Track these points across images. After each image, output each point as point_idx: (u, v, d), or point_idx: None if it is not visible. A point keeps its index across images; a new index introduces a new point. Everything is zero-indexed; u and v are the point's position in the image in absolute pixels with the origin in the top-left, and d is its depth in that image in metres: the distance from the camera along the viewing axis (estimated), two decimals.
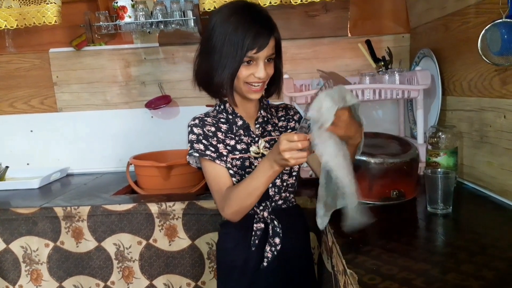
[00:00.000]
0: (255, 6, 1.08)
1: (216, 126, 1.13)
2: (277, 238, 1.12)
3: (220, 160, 1.09)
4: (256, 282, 1.13)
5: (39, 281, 1.56)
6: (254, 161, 1.11)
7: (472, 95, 1.34)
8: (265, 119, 1.18)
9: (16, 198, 1.69)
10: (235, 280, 1.15)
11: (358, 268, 0.84)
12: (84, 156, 2.10)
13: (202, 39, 1.11)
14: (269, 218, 1.13)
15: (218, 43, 1.03)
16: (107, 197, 1.62)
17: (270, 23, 1.05)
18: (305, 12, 1.95)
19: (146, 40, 2.03)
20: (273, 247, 1.12)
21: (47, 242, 1.53)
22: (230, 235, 1.17)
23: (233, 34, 1.01)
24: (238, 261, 1.14)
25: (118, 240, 1.51)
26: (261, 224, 1.13)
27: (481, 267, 0.81)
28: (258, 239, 1.12)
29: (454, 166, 1.36)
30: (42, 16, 1.75)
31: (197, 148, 1.09)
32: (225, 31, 1.02)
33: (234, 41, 1.01)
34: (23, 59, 2.06)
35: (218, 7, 1.12)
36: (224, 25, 1.02)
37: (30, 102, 2.09)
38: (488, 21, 1.13)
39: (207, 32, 1.07)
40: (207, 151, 1.08)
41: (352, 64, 1.97)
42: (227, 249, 1.17)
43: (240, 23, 1.01)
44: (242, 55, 1.01)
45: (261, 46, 1.02)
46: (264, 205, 1.14)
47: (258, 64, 1.04)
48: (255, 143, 1.14)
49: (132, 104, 2.07)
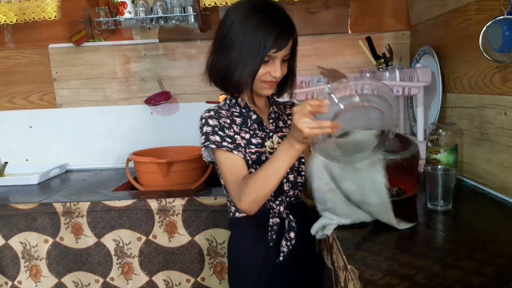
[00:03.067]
0: (276, 5, 1.06)
1: (231, 118, 1.12)
2: (292, 232, 1.13)
3: (238, 151, 1.07)
4: (274, 278, 1.13)
5: (38, 277, 1.56)
6: (270, 156, 1.09)
7: (473, 92, 1.34)
8: (277, 115, 1.19)
9: (15, 194, 1.69)
10: (252, 279, 1.14)
11: (359, 264, 0.83)
12: (84, 152, 2.09)
13: (219, 34, 1.08)
14: (285, 213, 1.14)
15: (238, 40, 1.02)
16: (107, 193, 1.62)
17: (290, 23, 1.05)
18: (305, 9, 1.95)
19: (146, 36, 2.02)
20: (288, 241, 1.13)
21: (46, 238, 1.53)
22: (246, 234, 1.16)
23: (255, 32, 1.00)
24: (256, 259, 1.13)
25: (118, 236, 1.50)
26: (277, 219, 1.14)
27: (481, 263, 0.81)
28: (275, 234, 1.12)
29: (454, 163, 1.36)
30: (42, 11, 1.74)
31: (214, 140, 1.06)
32: (245, 28, 1.01)
33: (255, 39, 1.00)
34: (22, 54, 2.06)
35: (235, 3, 1.09)
36: (245, 22, 1.01)
37: (30, 98, 2.09)
38: (489, 18, 1.13)
39: (224, 28, 1.05)
40: (223, 142, 1.07)
41: (353, 61, 1.96)
42: (242, 248, 1.16)
43: (262, 22, 1.00)
44: (264, 54, 1.01)
45: (281, 46, 1.02)
46: (280, 200, 1.14)
47: (275, 64, 1.05)
48: (269, 138, 1.14)
49: (131, 100, 2.07)
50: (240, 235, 1.19)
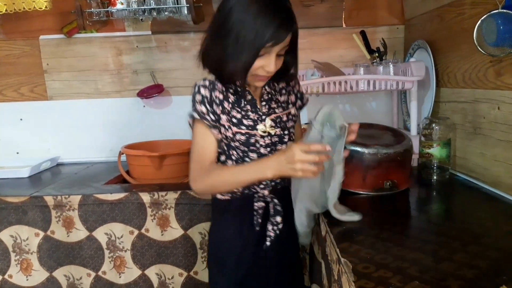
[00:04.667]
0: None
1: (225, 94, 1.08)
2: (279, 216, 1.13)
3: (217, 130, 1.07)
4: (258, 264, 1.13)
5: (29, 271, 1.54)
6: (260, 139, 1.10)
7: (466, 87, 1.35)
8: (270, 96, 1.16)
9: (5, 187, 1.67)
10: (233, 267, 1.14)
11: (352, 257, 0.83)
12: (75, 145, 2.07)
13: (215, 20, 1.03)
14: (269, 197, 1.13)
15: (235, 29, 0.97)
16: (99, 186, 1.60)
17: (291, 16, 1.00)
18: (300, 2, 1.93)
19: (139, 28, 1.99)
20: (275, 226, 1.12)
21: (37, 231, 1.51)
22: (228, 221, 1.15)
23: (253, 23, 0.96)
24: (237, 247, 1.13)
25: (110, 230, 1.49)
26: (262, 203, 1.13)
27: (474, 256, 0.82)
28: (260, 218, 1.12)
29: (447, 157, 1.36)
30: (32, 1, 1.71)
31: (199, 110, 1.05)
32: (243, 17, 0.96)
33: (253, 30, 0.96)
34: (12, 45, 2.02)
35: None
36: (244, 11, 0.97)
37: (20, 90, 2.06)
38: (483, 12, 1.13)
39: (222, 14, 1.00)
40: (207, 115, 1.06)
41: (347, 55, 1.96)
42: (225, 236, 1.15)
43: (262, 12, 0.96)
44: (260, 47, 0.97)
45: (278, 40, 0.98)
46: (265, 184, 1.13)
47: (270, 57, 1.01)
48: (262, 121, 1.11)
49: (124, 93, 2.04)
50: (222, 219, 1.17)
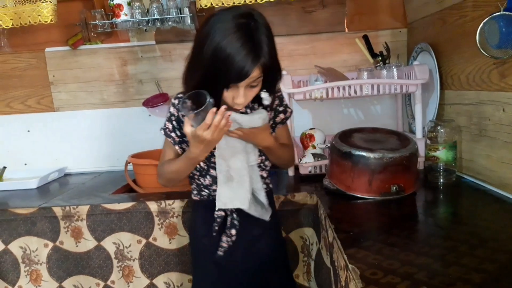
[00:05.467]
0: (249, 28, 0.98)
1: None
2: (234, 229, 1.17)
3: (180, 146, 1.17)
4: (221, 265, 1.19)
5: (39, 282, 1.55)
6: None
7: (471, 89, 1.34)
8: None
9: (14, 198, 1.68)
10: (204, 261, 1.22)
11: (360, 263, 0.83)
12: (82, 155, 2.09)
13: (197, 42, 1.03)
14: (229, 210, 1.17)
15: (208, 61, 0.98)
16: (106, 196, 1.62)
17: (258, 49, 0.98)
18: (302, 8, 1.94)
19: (143, 38, 2.02)
20: (228, 237, 1.17)
21: (46, 242, 1.53)
22: (199, 222, 1.23)
23: (221, 60, 0.96)
24: (207, 245, 1.19)
25: (118, 239, 1.50)
26: (221, 213, 1.18)
27: (482, 260, 0.81)
28: (218, 226, 1.17)
29: (453, 160, 1.36)
30: (38, 15, 1.73)
31: (166, 127, 1.17)
32: (216, 53, 0.97)
33: (220, 67, 0.97)
34: (19, 58, 2.05)
35: (219, 10, 1.04)
36: (217, 45, 0.96)
37: (27, 102, 2.08)
38: (486, 14, 1.13)
39: (203, 36, 1.00)
40: (172, 133, 1.17)
41: (350, 59, 1.96)
42: (198, 235, 1.23)
43: (232, 50, 0.95)
44: (226, 83, 1.00)
45: (240, 78, 0.98)
46: None
47: (238, 91, 1.02)
48: None
49: (129, 102, 2.06)
50: (197, 219, 1.25)
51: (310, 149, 1.70)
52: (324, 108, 1.99)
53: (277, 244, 1.29)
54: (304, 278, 1.46)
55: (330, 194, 1.33)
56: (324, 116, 2.00)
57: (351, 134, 1.38)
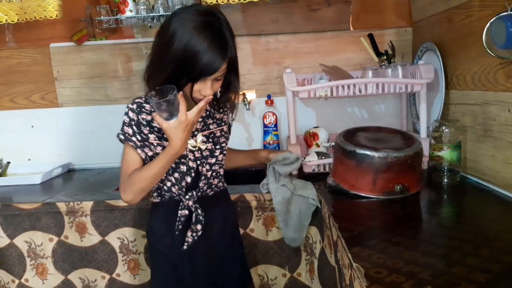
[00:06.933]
0: (215, 25, 1.05)
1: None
2: (199, 225, 1.21)
3: (142, 150, 1.15)
4: (184, 264, 1.21)
5: (45, 275, 1.57)
6: (189, 153, 1.19)
7: (476, 89, 1.34)
8: (208, 113, 1.24)
9: (18, 193, 1.69)
10: (164, 264, 1.24)
11: (364, 261, 0.84)
12: (86, 151, 2.09)
13: (163, 41, 1.07)
14: (194, 207, 1.21)
15: (178, 55, 1.02)
16: (110, 192, 1.62)
17: (225, 46, 1.05)
18: (307, 6, 1.94)
19: (147, 34, 2.01)
20: (194, 232, 1.21)
21: (51, 236, 1.54)
22: (159, 222, 1.24)
23: (188, 55, 1.01)
24: (168, 245, 1.22)
25: (122, 234, 1.51)
26: (185, 211, 1.21)
27: (487, 260, 0.82)
28: (181, 224, 1.20)
29: (457, 160, 1.36)
30: (43, 10, 1.74)
31: (126, 132, 1.15)
32: (181, 49, 1.02)
33: (186, 62, 1.02)
34: (23, 54, 2.05)
35: (179, 13, 1.08)
36: (182, 41, 1.02)
37: (31, 97, 2.09)
38: (493, 14, 1.13)
39: (169, 35, 1.04)
40: (133, 137, 1.15)
41: (355, 58, 1.96)
42: (157, 235, 1.24)
43: (196, 46, 1.01)
44: (194, 78, 1.05)
45: (210, 72, 1.05)
46: (190, 195, 1.21)
47: (205, 84, 1.08)
48: (193, 137, 1.20)
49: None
50: (154, 218, 1.26)
51: (314, 147, 1.70)
52: (328, 106, 1.99)
53: (236, 238, 1.35)
54: (307, 277, 1.47)
55: (334, 193, 1.33)
56: (328, 115, 2.00)
57: (356, 133, 1.38)
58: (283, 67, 1.95)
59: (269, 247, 1.48)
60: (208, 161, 1.23)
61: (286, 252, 1.46)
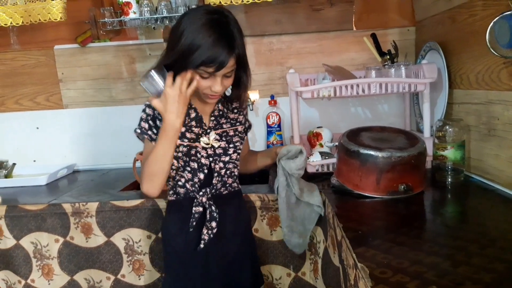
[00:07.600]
0: (222, 23, 1.09)
1: None
2: (214, 222, 1.22)
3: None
4: (196, 264, 1.23)
5: (51, 276, 1.58)
6: (201, 150, 1.22)
7: (480, 88, 1.34)
8: (221, 112, 1.27)
9: (24, 195, 1.70)
10: (176, 263, 1.25)
11: (369, 261, 0.84)
12: (91, 152, 2.11)
13: (172, 39, 1.12)
14: (207, 204, 1.23)
15: (185, 52, 1.07)
16: (115, 193, 1.63)
17: (232, 41, 1.09)
18: (310, 6, 1.94)
19: (151, 36, 2.02)
20: (209, 230, 1.22)
21: (57, 237, 1.55)
22: (173, 220, 1.27)
23: (198, 51, 1.06)
24: (180, 244, 1.23)
25: (127, 235, 1.52)
26: (199, 208, 1.23)
27: (492, 260, 0.82)
28: (196, 221, 1.22)
29: (461, 159, 1.36)
30: (48, 12, 1.75)
31: (142, 126, 1.20)
32: (191, 44, 1.06)
33: (197, 58, 1.06)
34: (28, 56, 2.07)
35: (190, 13, 1.14)
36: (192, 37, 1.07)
37: (36, 99, 2.10)
38: (496, 13, 1.13)
39: (179, 34, 1.09)
40: (148, 131, 1.19)
41: (358, 58, 1.96)
42: (171, 233, 1.26)
43: (206, 42, 1.06)
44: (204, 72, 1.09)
45: (219, 67, 1.08)
46: (204, 191, 1.23)
47: (215, 79, 1.12)
48: (206, 135, 1.24)
49: (137, 100, 2.07)
50: (169, 217, 1.30)
51: (318, 147, 1.71)
52: (331, 106, 1.99)
53: (249, 239, 1.36)
54: (311, 276, 1.47)
55: (338, 193, 1.34)
56: (332, 115, 2.00)
57: (359, 132, 1.38)
58: (286, 67, 1.95)
59: (273, 247, 1.48)
60: (222, 159, 1.24)
61: (290, 251, 1.46)
